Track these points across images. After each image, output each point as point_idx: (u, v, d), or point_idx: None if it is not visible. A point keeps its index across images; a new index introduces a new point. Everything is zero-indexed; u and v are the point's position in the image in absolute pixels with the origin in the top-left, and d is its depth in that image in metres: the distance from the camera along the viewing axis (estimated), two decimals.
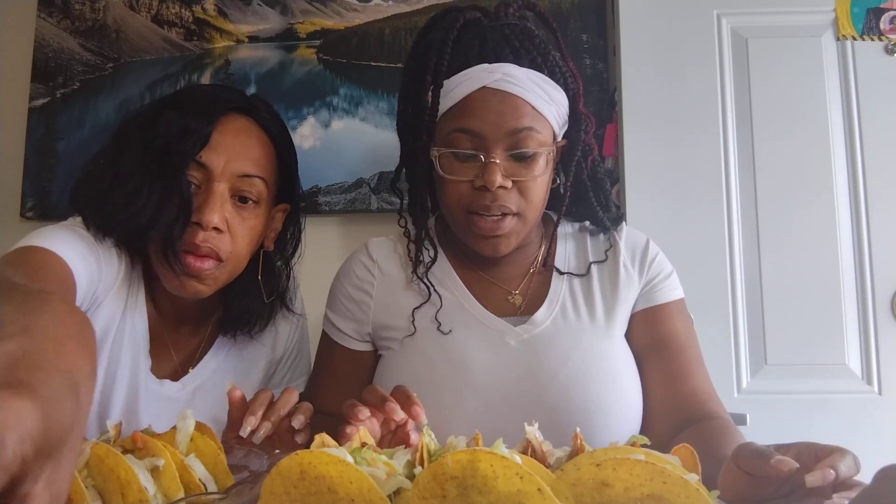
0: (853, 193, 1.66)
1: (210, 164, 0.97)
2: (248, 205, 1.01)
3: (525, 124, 0.96)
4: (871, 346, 1.61)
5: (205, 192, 0.97)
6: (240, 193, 0.99)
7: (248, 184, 0.99)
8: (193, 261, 0.97)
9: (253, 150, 1.01)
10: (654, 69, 1.73)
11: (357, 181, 1.85)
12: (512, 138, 0.96)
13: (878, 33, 1.70)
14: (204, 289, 1.00)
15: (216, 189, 0.97)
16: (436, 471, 0.58)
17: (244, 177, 0.99)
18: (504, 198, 0.97)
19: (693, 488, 0.57)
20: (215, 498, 0.67)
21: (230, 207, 0.99)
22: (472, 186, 0.98)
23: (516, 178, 0.97)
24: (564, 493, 0.59)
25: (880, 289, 1.62)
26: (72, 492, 0.61)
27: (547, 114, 0.99)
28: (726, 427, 0.95)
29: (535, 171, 0.98)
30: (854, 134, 1.68)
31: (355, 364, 1.12)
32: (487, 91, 0.97)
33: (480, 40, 1.00)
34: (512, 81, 0.97)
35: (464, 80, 0.98)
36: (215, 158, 0.97)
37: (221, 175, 0.98)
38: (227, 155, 0.98)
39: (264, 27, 1.98)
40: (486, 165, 0.96)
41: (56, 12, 2.02)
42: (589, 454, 0.62)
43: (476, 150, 0.97)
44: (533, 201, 1.00)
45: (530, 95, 0.97)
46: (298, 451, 0.61)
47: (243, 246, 1.01)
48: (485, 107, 0.96)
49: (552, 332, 1.04)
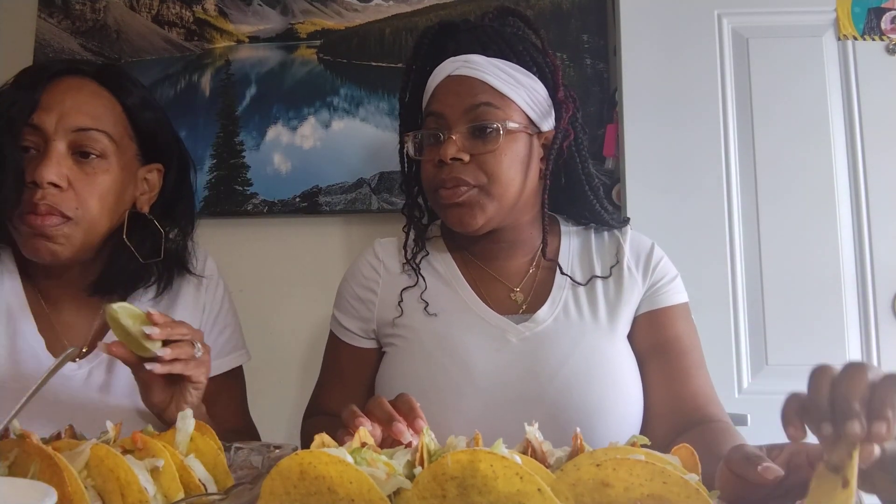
0: (854, 194, 1.66)
1: (42, 125, 0.97)
2: (92, 159, 1.00)
3: (481, 100, 1.03)
4: (873, 346, 1.60)
5: (42, 152, 0.97)
6: (80, 149, 0.99)
7: (86, 137, 0.99)
8: (34, 219, 0.97)
9: (89, 105, 1.00)
10: (654, 69, 1.73)
11: (357, 181, 1.85)
12: (469, 114, 1.03)
13: (879, 33, 1.70)
14: (58, 248, 0.99)
15: (52, 147, 0.97)
16: (436, 471, 0.59)
17: (81, 130, 0.99)
18: (460, 170, 1.02)
19: (693, 488, 0.57)
20: (215, 498, 0.67)
21: (71, 164, 0.98)
22: (433, 164, 1.05)
23: (474, 152, 1.03)
24: (564, 493, 0.59)
25: (881, 289, 1.62)
26: (72, 492, 0.61)
27: (512, 95, 1.04)
28: (726, 430, 0.95)
29: (493, 145, 1.02)
30: (855, 134, 1.68)
31: (361, 362, 1.14)
32: (450, 78, 1.06)
33: (455, 41, 1.09)
34: (472, 66, 1.04)
35: (434, 76, 1.08)
36: (46, 118, 0.97)
37: (55, 133, 0.97)
38: (59, 112, 0.98)
39: (265, 27, 1.98)
40: (445, 142, 1.03)
41: (57, 13, 2.02)
42: (589, 454, 0.62)
43: (438, 129, 1.05)
44: (496, 175, 1.03)
45: (490, 77, 1.04)
46: (298, 451, 0.61)
47: (93, 203, 1.00)
48: (446, 92, 1.05)
49: (554, 331, 1.04)
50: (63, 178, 0.97)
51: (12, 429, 0.71)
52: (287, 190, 1.87)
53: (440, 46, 1.10)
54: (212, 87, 1.96)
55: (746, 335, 1.64)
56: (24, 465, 0.65)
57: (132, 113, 1.05)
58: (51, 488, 0.56)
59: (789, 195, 1.67)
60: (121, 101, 1.04)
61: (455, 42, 1.09)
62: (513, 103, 1.04)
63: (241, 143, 1.91)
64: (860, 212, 1.65)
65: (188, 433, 0.74)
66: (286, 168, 1.89)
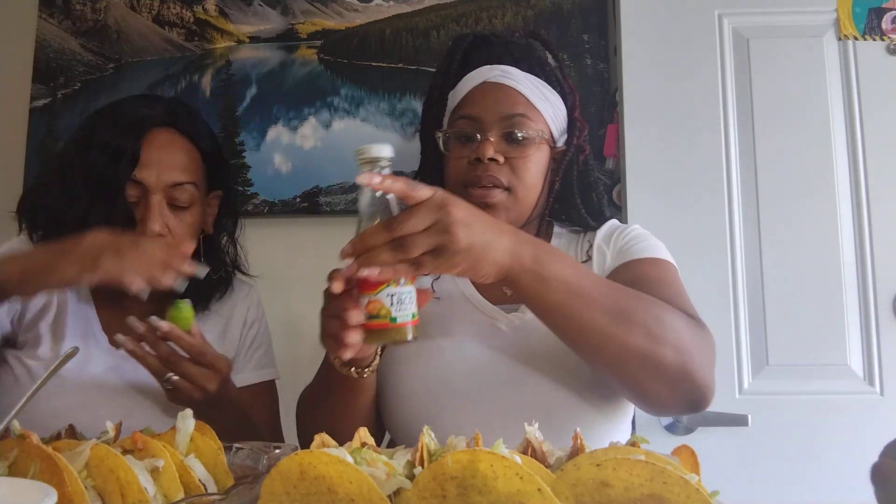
0: (855, 194, 1.66)
1: (144, 181, 1.11)
2: (183, 208, 1.14)
3: (518, 111, 1.09)
4: (873, 346, 1.60)
5: (143, 206, 1.11)
6: (174, 201, 1.13)
7: (179, 191, 1.13)
8: None
9: (180, 160, 1.15)
10: (655, 69, 1.73)
11: None
12: (506, 122, 1.09)
13: (879, 33, 1.70)
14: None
15: (153, 201, 1.11)
16: (436, 471, 0.59)
17: (175, 185, 1.13)
18: (495, 170, 1.07)
19: (693, 488, 0.57)
20: (215, 498, 0.67)
21: (168, 212, 1.13)
22: (468, 162, 1.09)
23: (508, 155, 1.08)
24: (564, 493, 0.59)
25: (882, 289, 1.62)
26: (72, 492, 0.61)
27: (542, 109, 1.12)
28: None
29: (527, 152, 1.09)
30: (856, 134, 1.67)
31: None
32: (487, 84, 1.11)
33: (487, 52, 1.16)
34: (509, 77, 1.11)
35: (469, 78, 1.13)
36: (147, 175, 1.11)
37: (155, 188, 1.11)
38: (158, 169, 1.11)
39: (265, 27, 1.98)
40: (482, 142, 1.08)
41: (57, 13, 2.02)
42: (589, 454, 0.62)
43: (475, 132, 1.09)
44: (524, 180, 1.09)
45: (525, 90, 1.10)
46: (298, 451, 0.61)
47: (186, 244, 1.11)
48: (484, 96, 1.11)
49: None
50: (164, 227, 1.11)
51: (12, 429, 0.71)
52: (287, 190, 1.87)
53: (474, 54, 1.16)
54: (212, 87, 1.96)
55: (747, 335, 1.64)
56: (24, 465, 0.65)
57: (206, 156, 1.20)
58: (51, 488, 0.56)
59: (790, 195, 1.66)
60: (198, 147, 1.19)
61: (487, 52, 1.15)
62: (542, 117, 1.11)
63: (242, 143, 1.91)
64: (861, 212, 1.65)
65: (188, 433, 0.74)
66: (287, 168, 1.89)
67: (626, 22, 1.74)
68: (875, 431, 1.57)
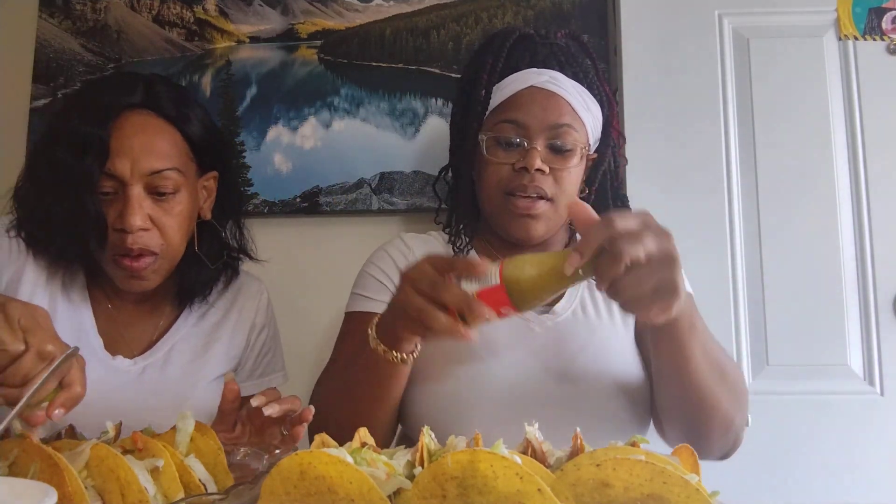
0: (855, 194, 1.66)
1: (118, 172, 1.00)
2: (167, 196, 1.04)
3: (565, 121, 1.08)
4: (874, 346, 1.60)
5: (122, 198, 1.01)
6: (156, 190, 1.03)
7: (161, 178, 1.03)
8: (130, 262, 1.04)
9: (157, 145, 1.04)
10: (655, 69, 1.73)
11: (358, 181, 1.85)
12: (552, 131, 1.08)
13: (880, 33, 1.70)
14: (149, 283, 1.07)
15: (131, 193, 1.01)
16: (436, 471, 0.59)
17: (154, 173, 1.02)
18: (541, 180, 1.07)
19: (693, 488, 0.57)
20: (215, 498, 0.67)
21: (150, 204, 1.03)
22: (512, 169, 1.08)
23: (552, 165, 1.08)
24: (564, 493, 0.59)
25: (882, 289, 1.62)
26: (72, 492, 0.61)
27: (584, 118, 1.11)
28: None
29: (570, 163, 1.09)
30: (856, 134, 1.67)
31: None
32: (535, 89, 1.10)
33: (531, 52, 1.13)
34: (557, 84, 1.09)
35: (515, 80, 1.11)
36: (121, 165, 1.00)
37: (132, 178, 1.01)
38: (132, 157, 1.01)
39: (265, 27, 1.98)
40: (528, 151, 1.07)
41: (57, 13, 2.02)
42: (589, 454, 0.62)
43: (520, 139, 1.08)
44: (566, 190, 1.09)
45: (572, 98, 1.09)
46: (298, 451, 0.61)
47: (175, 235, 1.07)
48: (531, 102, 1.09)
49: (572, 323, 1.12)
50: (146, 220, 1.02)
51: (13, 429, 0.71)
52: (287, 190, 1.87)
53: (516, 54, 1.13)
54: (212, 87, 1.95)
55: (747, 335, 1.64)
56: (24, 465, 0.65)
57: (192, 138, 1.10)
58: (51, 488, 0.56)
59: (790, 195, 1.66)
60: (181, 130, 1.08)
61: (532, 52, 1.13)
62: (584, 127, 1.11)
63: (242, 143, 1.91)
64: (861, 211, 1.65)
65: (188, 433, 0.74)
66: (287, 168, 1.89)
67: (626, 22, 1.74)
68: (875, 431, 1.57)
